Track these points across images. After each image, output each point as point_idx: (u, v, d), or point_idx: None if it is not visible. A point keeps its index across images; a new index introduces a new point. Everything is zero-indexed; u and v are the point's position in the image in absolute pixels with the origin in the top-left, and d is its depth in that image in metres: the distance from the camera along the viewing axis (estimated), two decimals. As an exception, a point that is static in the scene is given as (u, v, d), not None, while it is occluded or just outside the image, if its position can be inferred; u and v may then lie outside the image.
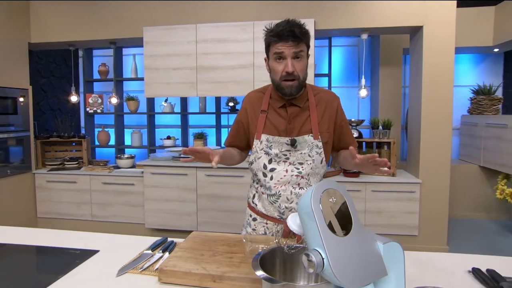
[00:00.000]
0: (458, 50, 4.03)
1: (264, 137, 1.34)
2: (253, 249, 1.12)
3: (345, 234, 0.69)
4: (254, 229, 1.42)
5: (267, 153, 1.33)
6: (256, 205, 1.41)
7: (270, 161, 1.33)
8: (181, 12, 3.43)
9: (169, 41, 3.37)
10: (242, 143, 1.46)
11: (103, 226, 3.61)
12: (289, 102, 1.33)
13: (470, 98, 4.23)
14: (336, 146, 1.42)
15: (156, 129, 4.47)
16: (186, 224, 3.39)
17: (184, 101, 4.31)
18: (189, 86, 3.38)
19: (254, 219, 1.42)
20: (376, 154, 1.15)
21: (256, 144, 1.36)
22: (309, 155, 1.31)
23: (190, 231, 3.32)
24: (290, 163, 1.32)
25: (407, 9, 3.06)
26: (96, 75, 4.41)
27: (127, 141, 4.53)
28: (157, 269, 1.14)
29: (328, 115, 1.35)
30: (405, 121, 4.36)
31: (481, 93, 4.10)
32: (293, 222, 0.80)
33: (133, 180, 3.51)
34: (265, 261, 0.85)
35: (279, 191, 1.32)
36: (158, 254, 1.26)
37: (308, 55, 1.30)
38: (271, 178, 1.33)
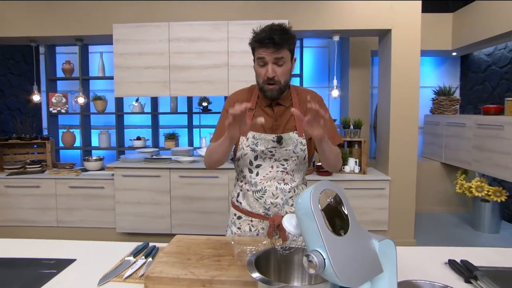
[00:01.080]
0: (421, 53, 4.26)
1: (250, 134, 1.35)
2: (241, 251, 1.11)
3: (344, 234, 0.70)
4: (239, 228, 1.43)
5: (253, 150, 1.35)
6: (241, 203, 1.42)
7: (256, 158, 1.35)
8: (152, 10, 3.32)
9: (141, 39, 3.26)
10: None
11: (70, 232, 3.43)
12: (275, 102, 1.37)
13: (432, 98, 4.48)
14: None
15: (125, 130, 4.32)
16: (159, 227, 3.30)
17: (154, 100, 4.21)
18: (161, 86, 3.30)
19: (239, 217, 1.43)
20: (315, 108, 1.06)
21: (242, 141, 1.37)
22: (293, 152, 1.34)
23: (164, 234, 3.28)
24: (275, 160, 1.35)
25: (376, 12, 3.18)
26: (59, 73, 4.17)
27: (94, 142, 4.33)
28: (142, 275, 1.10)
29: (307, 113, 1.36)
30: (373, 120, 4.53)
31: (442, 94, 4.35)
32: (289, 223, 0.80)
33: (102, 183, 3.36)
34: (260, 262, 0.84)
35: (264, 187, 1.35)
36: (141, 260, 1.22)
37: (293, 59, 1.33)
38: (257, 174, 1.36)
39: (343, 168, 3.37)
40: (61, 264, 1.20)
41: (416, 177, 3.32)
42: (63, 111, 4.02)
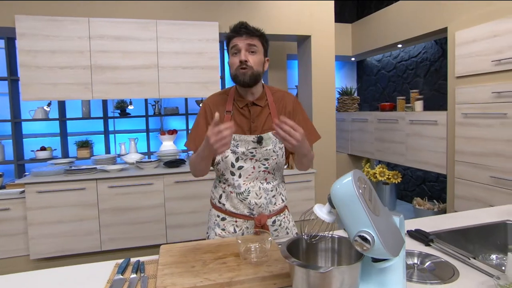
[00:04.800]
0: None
1: None
2: (246, 249, 1.13)
3: (379, 214, 0.81)
4: (223, 229, 1.42)
5: (233, 152, 1.35)
6: (224, 204, 1.41)
7: (237, 160, 1.35)
8: (67, 2, 2.91)
9: (54, 35, 2.84)
10: None
11: (-38, 269, 2.77)
12: (251, 103, 1.38)
13: (338, 98, 5.08)
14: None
15: (23, 140, 3.69)
16: (86, 246, 2.95)
17: (61, 105, 3.70)
18: (82, 88, 2.94)
19: (223, 219, 1.42)
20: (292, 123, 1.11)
21: None
22: (273, 151, 1.38)
23: (91, 253, 2.95)
24: (256, 160, 1.36)
25: (299, 20, 3.47)
26: None
27: (-18, 156, 3.57)
28: (144, 292, 1.02)
29: (283, 113, 1.43)
30: (291, 119, 4.89)
31: (345, 94, 4.98)
32: (321, 212, 0.87)
33: (7, 204, 2.81)
34: (290, 252, 0.89)
35: (248, 188, 1.36)
36: (133, 276, 1.12)
37: (266, 57, 1.37)
38: (240, 176, 1.36)
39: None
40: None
41: (333, 168, 3.74)
42: None
